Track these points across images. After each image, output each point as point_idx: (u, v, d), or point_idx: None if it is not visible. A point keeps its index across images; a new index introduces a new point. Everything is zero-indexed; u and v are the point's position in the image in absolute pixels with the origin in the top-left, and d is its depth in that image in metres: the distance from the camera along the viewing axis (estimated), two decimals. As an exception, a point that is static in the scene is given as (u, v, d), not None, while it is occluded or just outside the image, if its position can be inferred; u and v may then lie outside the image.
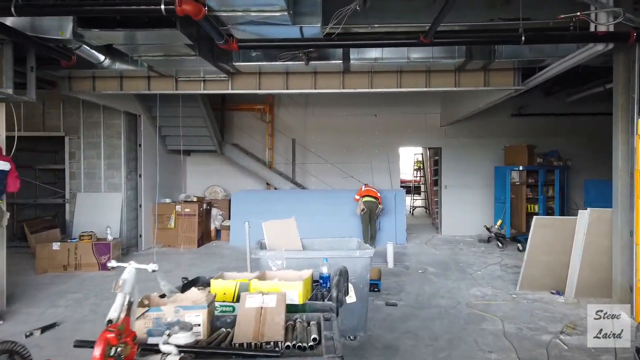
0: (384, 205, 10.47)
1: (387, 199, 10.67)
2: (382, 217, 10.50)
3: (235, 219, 10.67)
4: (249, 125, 12.10)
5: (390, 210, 10.64)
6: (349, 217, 10.46)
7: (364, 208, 9.79)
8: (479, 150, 11.79)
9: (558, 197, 10.09)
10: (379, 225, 10.37)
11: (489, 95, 7.96)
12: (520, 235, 9.67)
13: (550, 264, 6.20)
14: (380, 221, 10.55)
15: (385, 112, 12.11)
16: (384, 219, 10.59)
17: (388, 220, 10.63)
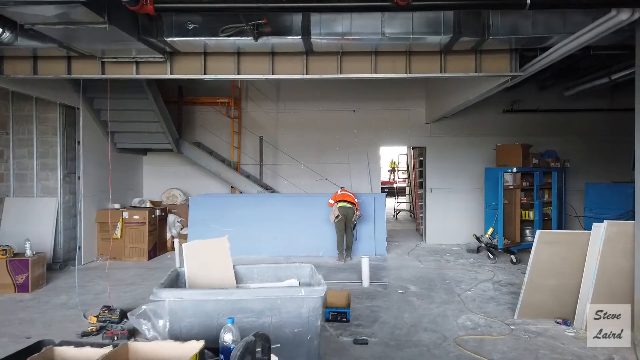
0: (363, 211, 9.31)
1: (366, 204, 9.51)
2: (360, 224, 9.33)
3: (194, 227, 9.41)
4: (213, 122, 10.83)
5: (369, 216, 9.47)
6: (323, 224, 9.28)
7: (338, 215, 8.64)
8: (467, 149, 10.69)
9: (556, 202, 9.01)
10: (356, 234, 9.20)
11: (480, 85, 6.83)
12: (514, 246, 8.56)
13: (556, 288, 5.07)
14: (358, 230, 9.38)
15: (365, 108, 10.94)
16: (362, 226, 9.42)
17: (366, 228, 9.46)
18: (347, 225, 8.82)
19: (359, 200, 9.48)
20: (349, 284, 6.96)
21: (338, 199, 8.83)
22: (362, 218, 9.16)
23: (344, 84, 10.79)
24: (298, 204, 9.66)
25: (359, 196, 9.57)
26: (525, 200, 8.92)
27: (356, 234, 9.16)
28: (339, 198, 8.83)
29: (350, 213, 8.76)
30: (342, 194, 8.90)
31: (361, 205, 9.46)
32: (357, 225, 9.10)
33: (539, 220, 8.88)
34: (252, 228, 9.38)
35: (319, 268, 7.66)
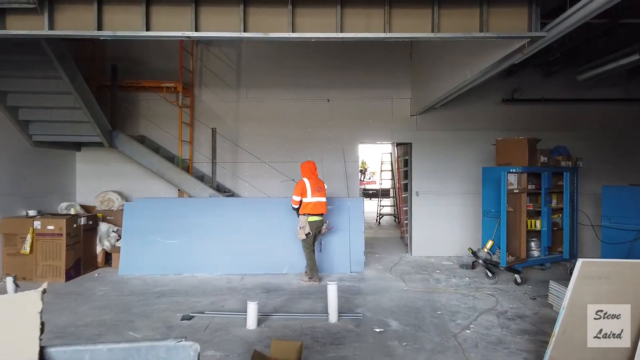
0: (335, 219, 7.70)
1: (340, 210, 7.87)
2: (332, 235, 7.72)
3: (129, 239, 7.66)
4: (161, 112, 9.08)
5: (343, 226, 7.83)
6: (289, 235, 7.67)
7: (309, 232, 6.92)
8: (460, 146, 9.13)
9: (568, 209, 7.47)
10: (321, 246, 7.56)
11: (483, 56, 5.23)
12: (519, 263, 6.99)
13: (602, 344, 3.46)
14: (329, 242, 7.75)
15: (341, 96, 9.31)
16: (334, 238, 7.80)
17: (340, 241, 7.81)
18: (315, 239, 7.18)
19: (331, 205, 7.84)
20: (312, 320, 5.30)
21: (310, 209, 6.91)
22: (333, 228, 7.53)
23: (315, 67, 9.18)
24: (259, 210, 7.97)
25: (331, 202, 7.93)
26: (531, 207, 7.35)
27: (320, 246, 7.51)
28: (313, 210, 6.91)
29: (320, 225, 7.12)
30: (315, 203, 6.94)
31: (333, 213, 7.82)
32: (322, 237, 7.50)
33: (548, 230, 7.34)
34: (202, 240, 7.69)
35: (278, 292, 5.81)
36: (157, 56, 9.12)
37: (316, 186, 6.98)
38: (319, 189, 7.02)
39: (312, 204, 6.90)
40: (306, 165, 7.16)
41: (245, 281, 7.12)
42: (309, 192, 6.89)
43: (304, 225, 6.88)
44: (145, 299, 6.15)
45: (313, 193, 6.91)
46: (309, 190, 6.89)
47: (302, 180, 6.99)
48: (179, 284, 6.92)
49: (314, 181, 7.01)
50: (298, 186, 6.95)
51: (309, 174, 7.06)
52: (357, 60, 9.24)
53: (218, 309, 5.69)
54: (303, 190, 6.89)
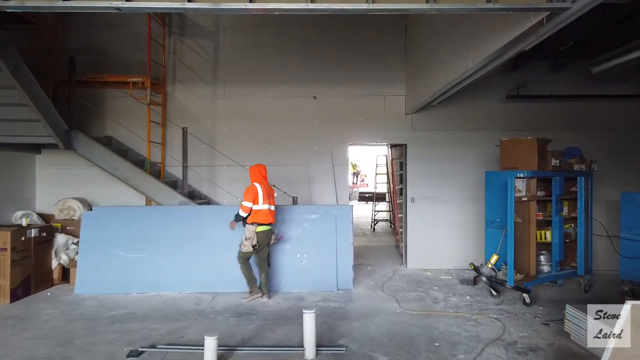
0: (320, 229, 6.89)
1: (326, 219, 7.04)
2: (317, 248, 6.89)
3: (88, 253, 6.79)
4: (130, 111, 8.19)
5: (329, 238, 6.98)
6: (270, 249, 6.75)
7: (256, 244, 6.21)
8: (459, 147, 8.29)
9: (583, 218, 6.61)
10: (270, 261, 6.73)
11: (489, 39, 4.37)
12: (528, 282, 6.13)
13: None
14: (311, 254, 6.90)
15: (329, 93, 8.45)
16: (319, 251, 6.95)
17: (325, 254, 6.95)
18: (263, 251, 6.42)
19: (314, 216, 7.00)
20: (285, 355, 4.43)
21: (261, 217, 6.22)
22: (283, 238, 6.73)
23: (300, 60, 8.34)
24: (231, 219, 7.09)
25: (315, 210, 7.09)
26: (541, 217, 6.50)
27: (269, 259, 6.69)
28: (263, 218, 6.23)
29: (269, 235, 6.42)
30: (267, 209, 6.27)
31: (318, 223, 6.98)
32: None
33: (559, 242, 6.48)
34: (170, 254, 6.83)
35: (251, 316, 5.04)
36: (126, 48, 8.27)
37: (267, 192, 6.32)
38: (269, 195, 6.37)
39: (262, 212, 6.23)
40: (257, 169, 6.46)
41: (216, 302, 6.24)
42: (260, 198, 6.21)
43: (251, 236, 6.17)
44: (95, 326, 5.26)
45: (264, 200, 6.23)
46: (260, 196, 6.21)
47: (253, 185, 6.32)
48: (140, 306, 6.04)
49: (265, 187, 6.35)
50: (249, 191, 6.21)
51: (259, 178, 6.41)
52: (346, 53, 8.40)
53: (176, 340, 4.82)
54: (255, 196, 6.19)
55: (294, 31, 8.40)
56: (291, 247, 6.97)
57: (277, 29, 8.40)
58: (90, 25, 8.27)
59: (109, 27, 8.30)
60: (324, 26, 8.40)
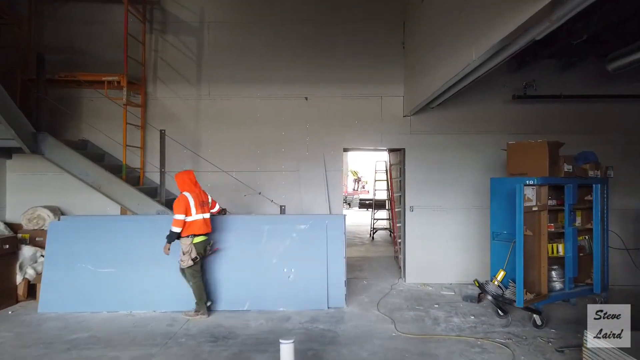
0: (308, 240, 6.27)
1: (316, 229, 6.44)
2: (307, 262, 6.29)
3: (53, 267, 6.20)
4: (108, 112, 7.59)
5: (319, 250, 6.36)
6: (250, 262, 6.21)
7: (196, 256, 5.69)
8: (462, 152, 7.68)
9: (599, 229, 5.97)
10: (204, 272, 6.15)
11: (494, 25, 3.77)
12: (539, 301, 5.49)
13: None
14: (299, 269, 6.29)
15: (321, 94, 7.86)
16: (308, 265, 6.33)
17: (315, 268, 6.34)
18: None
19: (303, 227, 6.40)
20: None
21: (196, 228, 5.71)
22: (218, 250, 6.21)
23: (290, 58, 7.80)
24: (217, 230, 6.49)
25: (304, 220, 6.49)
26: (553, 228, 5.87)
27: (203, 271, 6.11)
28: (199, 229, 5.73)
29: (206, 246, 5.90)
30: (201, 219, 5.77)
31: (307, 234, 6.37)
32: None
33: (573, 257, 5.84)
34: (144, 268, 6.22)
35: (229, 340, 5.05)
36: (105, 46, 7.71)
37: (199, 200, 5.79)
38: (202, 203, 5.83)
39: (197, 222, 5.73)
40: (184, 176, 5.94)
41: (192, 323, 5.62)
42: (193, 208, 5.68)
43: (189, 250, 5.62)
44: (49, 353, 4.66)
45: (197, 209, 5.73)
46: (192, 206, 5.69)
47: (183, 194, 5.74)
48: (106, 328, 5.43)
49: (197, 194, 5.83)
50: (180, 203, 5.65)
51: (189, 186, 5.90)
52: (340, 51, 7.83)
53: (137, 371, 4.21)
54: (187, 206, 5.66)
55: (284, 27, 7.83)
56: (278, 260, 6.35)
57: (266, 25, 7.83)
58: (66, 21, 7.73)
59: (86, 23, 7.76)
60: (317, 22, 7.83)
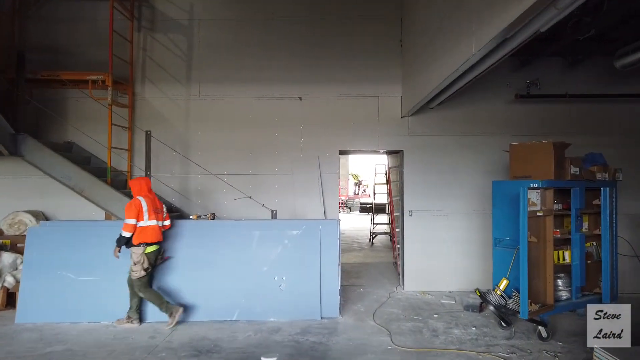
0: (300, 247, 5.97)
1: (308, 236, 6.13)
2: (299, 270, 5.97)
3: (31, 275, 5.90)
4: (94, 113, 7.31)
5: (311, 258, 6.04)
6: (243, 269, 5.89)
7: (148, 266, 5.43)
8: (462, 154, 7.36)
9: (608, 235, 5.64)
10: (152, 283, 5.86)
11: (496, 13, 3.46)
12: (545, 312, 5.15)
13: None
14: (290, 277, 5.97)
15: (316, 94, 7.56)
16: (299, 273, 6.01)
17: (307, 276, 6.02)
18: None
19: (295, 232, 6.09)
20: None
21: (148, 236, 5.45)
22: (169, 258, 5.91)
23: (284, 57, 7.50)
24: (204, 236, 6.20)
25: (297, 226, 6.17)
26: (559, 234, 5.53)
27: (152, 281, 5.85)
28: (151, 237, 5.48)
29: (157, 255, 5.68)
30: (154, 226, 5.53)
31: (300, 239, 6.06)
32: None
33: (580, 265, 5.50)
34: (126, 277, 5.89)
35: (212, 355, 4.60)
36: (92, 45, 7.44)
37: (153, 207, 5.58)
38: (156, 210, 5.63)
39: (150, 229, 5.48)
40: (142, 181, 5.74)
41: (176, 334, 5.31)
42: (145, 213, 5.44)
43: (141, 259, 5.34)
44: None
45: (151, 215, 5.49)
46: (145, 211, 5.45)
47: (136, 198, 5.49)
48: (84, 340, 5.11)
49: (151, 200, 5.59)
50: (131, 207, 5.39)
51: (144, 191, 5.65)
52: (336, 49, 7.54)
53: (109, 390, 3.89)
54: (139, 210, 5.40)
55: (277, 25, 7.54)
56: (268, 268, 6.03)
57: (258, 23, 7.55)
58: (51, 19, 7.47)
59: (72, 22, 7.50)
60: (311, 20, 7.54)
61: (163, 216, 5.77)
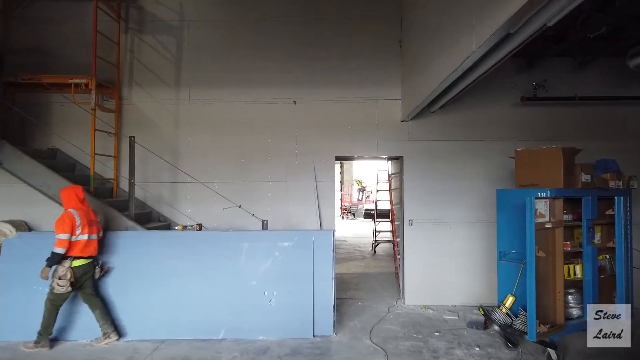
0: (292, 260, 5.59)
1: (301, 247, 5.75)
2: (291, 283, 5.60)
3: (7, 289, 5.59)
4: (80, 118, 6.94)
5: (304, 271, 5.66)
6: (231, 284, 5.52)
7: (73, 280, 5.02)
8: (465, 160, 6.97)
9: (623, 248, 5.22)
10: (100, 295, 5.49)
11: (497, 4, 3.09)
12: (555, 334, 4.73)
13: None
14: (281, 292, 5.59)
15: (311, 97, 7.21)
16: (291, 287, 5.62)
17: (299, 290, 5.63)
18: (85, 289, 5.27)
19: (287, 244, 5.71)
20: None
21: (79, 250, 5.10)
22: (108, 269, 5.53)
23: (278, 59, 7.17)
24: (191, 247, 5.82)
25: (289, 237, 5.79)
26: (569, 247, 5.12)
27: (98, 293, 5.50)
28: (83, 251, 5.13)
29: (91, 270, 5.29)
30: (87, 240, 5.17)
31: (292, 251, 5.69)
32: None
33: (592, 279, 5.08)
34: (108, 290, 5.57)
35: None
36: (77, 47, 7.13)
37: (87, 219, 5.23)
38: (90, 222, 5.28)
39: (80, 243, 5.13)
40: (71, 191, 5.35)
41: (157, 355, 4.95)
42: (78, 227, 5.10)
43: (66, 273, 4.96)
44: (-21, 396, 4.00)
45: (84, 228, 5.15)
46: (78, 224, 5.11)
47: (68, 211, 5.12)
48: None
49: (84, 212, 5.24)
50: (65, 221, 5.03)
51: (75, 202, 5.24)
52: (332, 50, 7.19)
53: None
54: (72, 224, 5.05)
55: (270, 26, 7.21)
56: (258, 283, 5.66)
57: (250, 24, 7.22)
58: (37, 20, 7.19)
59: (57, 23, 7.21)
60: (306, 21, 7.21)
61: (98, 228, 5.38)
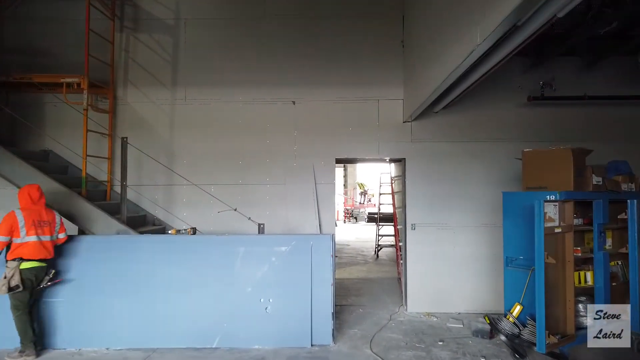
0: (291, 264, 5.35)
1: (298, 252, 5.51)
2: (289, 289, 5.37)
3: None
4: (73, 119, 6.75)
5: (302, 278, 5.43)
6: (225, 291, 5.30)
7: (18, 284, 4.77)
8: (470, 162, 6.74)
9: (636, 253, 4.96)
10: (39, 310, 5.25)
11: None
12: (565, 345, 4.47)
13: None
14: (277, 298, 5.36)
15: (311, 97, 7.02)
16: (289, 294, 5.40)
17: (297, 297, 5.41)
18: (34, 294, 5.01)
19: (284, 249, 5.49)
20: None
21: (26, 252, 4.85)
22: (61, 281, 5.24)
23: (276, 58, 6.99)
24: (183, 253, 5.59)
25: (286, 241, 5.56)
26: (580, 252, 4.87)
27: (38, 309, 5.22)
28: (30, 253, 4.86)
29: (41, 275, 4.99)
30: (35, 242, 4.89)
31: (289, 256, 5.46)
32: None
33: (604, 287, 4.83)
34: (95, 298, 5.35)
35: None
36: (73, 46, 6.94)
37: (37, 219, 4.96)
38: (41, 223, 4.99)
39: (29, 245, 4.86)
40: (25, 191, 5.12)
41: None
42: (22, 228, 4.83)
43: (13, 274, 4.72)
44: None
45: (30, 230, 4.87)
46: (22, 226, 4.84)
47: (11, 212, 4.88)
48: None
49: (35, 213, 4.98)
50: (4, 221, 4.80)
51: (26, 202, 5.00)
52: (332, 49, 7.00)
53: None
54: (13, 226, 4.81)
55: (268, 25, 7.02)
56: (253, 289, 5.43)
57: (248, 22, 7.03)
58: (30, 19, 7.04)
59: (52, 22, 7.06)
60: (306, 19, 7.02)
61: (55, 229, 5.10)
